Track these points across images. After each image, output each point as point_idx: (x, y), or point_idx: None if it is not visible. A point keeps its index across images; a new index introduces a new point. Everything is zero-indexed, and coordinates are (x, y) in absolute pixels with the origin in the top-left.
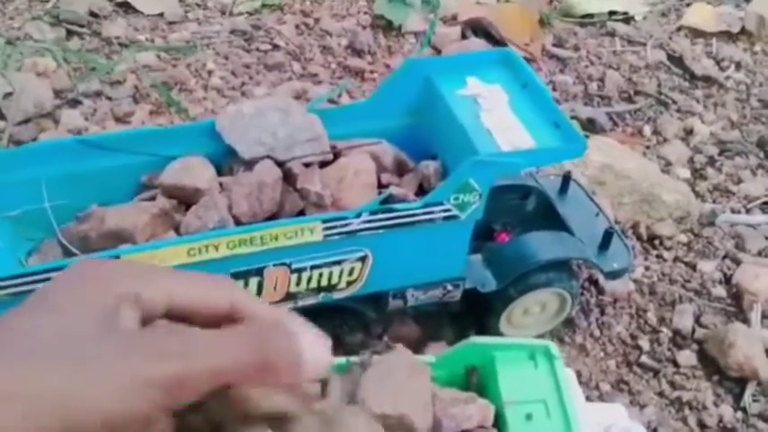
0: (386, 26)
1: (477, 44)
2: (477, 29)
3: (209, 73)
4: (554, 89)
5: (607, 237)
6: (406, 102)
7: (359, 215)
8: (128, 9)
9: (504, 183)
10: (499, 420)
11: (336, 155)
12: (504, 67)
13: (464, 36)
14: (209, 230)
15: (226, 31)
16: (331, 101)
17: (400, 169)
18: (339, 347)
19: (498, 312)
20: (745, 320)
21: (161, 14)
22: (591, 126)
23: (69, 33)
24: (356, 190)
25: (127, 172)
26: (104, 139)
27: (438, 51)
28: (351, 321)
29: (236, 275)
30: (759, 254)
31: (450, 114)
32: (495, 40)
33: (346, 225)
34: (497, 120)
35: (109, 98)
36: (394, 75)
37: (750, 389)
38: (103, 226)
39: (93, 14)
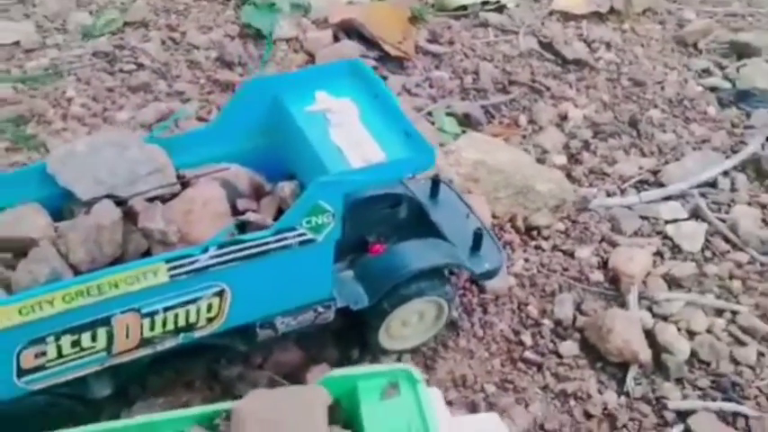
0: (255, 35)
1: (349, 46)
2: (350, 30)
3: (69, 101)
4: (431, 86)
5: (477, 238)
6: (255, 122)
7: (205, 250)
8: None
9: (374, 193)
10: None
11: (184, 185)
12: (354, 78)
13: (336, 39)
14: (40, 285)
15: (88, 54)
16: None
17: (258, 193)
18: (216, 383)
19: (375, 327)
20: (624, 304)
21: (17, 43)
22: (467, 121)
23: None
24: (206, 222)
25: None
26: None
27: (311, 56)
28: (228, 354)
29: (81, 328)
30: (635, 234)
31: (300, 133)
32: (368, 40)
33: (193, 262)
34: (347, 134)
35: None
36: (236, 96)
37: (632, 372)
38: None
39: None
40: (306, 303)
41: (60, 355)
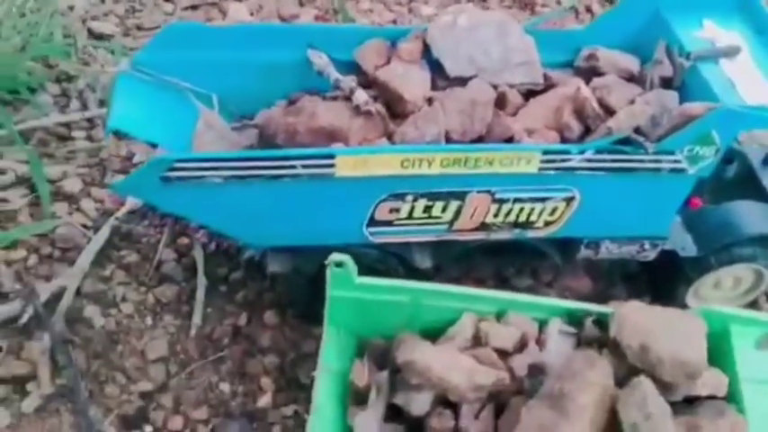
0: None
1: None
2: None
3: None
4: None
5: None
6: (629, 35)
7: (582, 151)
8: None
9: None
10: (734, 394)
11: (548, 86)
12: (742, 12)
13: None
14: (425, 143)
15: None
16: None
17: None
18: (505, 287)
19: (690, 281)
20: None
21: None
22: None
23: None
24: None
25: None
26: (313, 31)
27: None
28: (516, 263)
29: (437, 196)
30: None
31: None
32: None
33: (566, 161)
34: (738, 70)
35: None
36: (618, 5)
37: None
38: (314, 121)
39: None
40: (638, 235)
41: (410, 216)
